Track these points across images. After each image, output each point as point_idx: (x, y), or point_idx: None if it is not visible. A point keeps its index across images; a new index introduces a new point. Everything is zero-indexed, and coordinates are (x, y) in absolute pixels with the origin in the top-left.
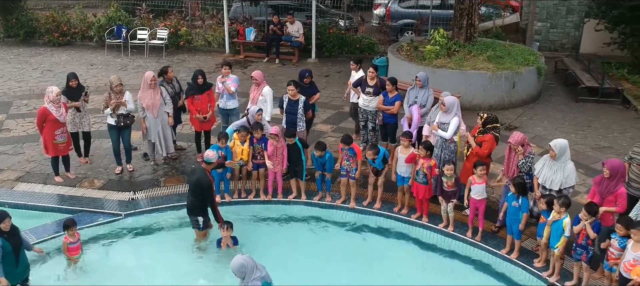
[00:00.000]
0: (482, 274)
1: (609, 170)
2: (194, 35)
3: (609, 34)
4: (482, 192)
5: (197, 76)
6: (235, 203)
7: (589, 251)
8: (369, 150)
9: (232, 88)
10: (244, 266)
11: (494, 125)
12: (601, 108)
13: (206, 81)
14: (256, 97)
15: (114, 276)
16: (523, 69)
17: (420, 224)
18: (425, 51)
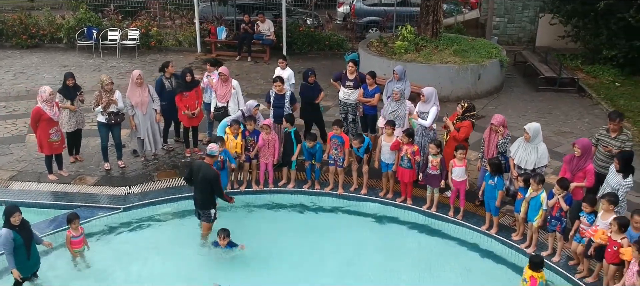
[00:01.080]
0: (465, 249)
1: (580, 149)
2: (165, 35)
3: (563, 28)
4: (462, 174)
5: (186, 74)
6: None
7: (563, 223)
8: (355, 139)
9: (214, 81)
10: None
11: (472, 113)
12: (559, 96)
13: (194, 78)
14: (226, 92)
15: (115, 268)
16: (487, 61)
17: (406, 206)
18: (394, 46)
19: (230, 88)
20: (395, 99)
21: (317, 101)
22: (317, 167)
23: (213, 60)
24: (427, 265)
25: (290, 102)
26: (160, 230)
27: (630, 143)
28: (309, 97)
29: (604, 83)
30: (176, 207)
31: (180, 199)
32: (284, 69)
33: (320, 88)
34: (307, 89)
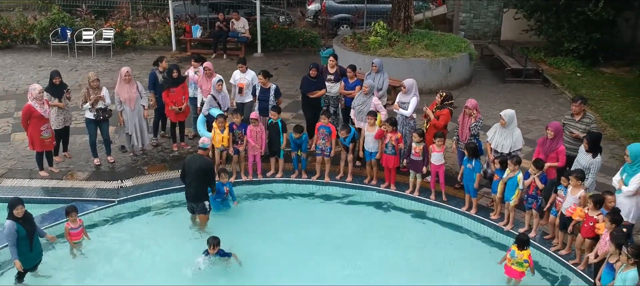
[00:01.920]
0: (447, 229)
1: (553, 131)
2: (139, 35)
3: (526, 22)
4: (440, 159)
5: (172, 70)
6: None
7: (539, 200)
8: (342, 129)
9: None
10: None
11: (450, 102)
12: (525, 87)
13: (180, 74)
14: (209, 88)
15: (114, 258)
16: (457, 55)
17: (390, 192)
18: (369, 42)
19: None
20: (365, 93)
21: (311, 96)
22: (303, 156)
23: (197, 56)
24: (412, 245)
25: (275, 95)
26: (154, 220)
27: (594, 125)
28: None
29: (566, 74)
30: (169, 198)
31: (173, 191)
32: (244, 72)
33: (323, 84)
34: (310, 83)
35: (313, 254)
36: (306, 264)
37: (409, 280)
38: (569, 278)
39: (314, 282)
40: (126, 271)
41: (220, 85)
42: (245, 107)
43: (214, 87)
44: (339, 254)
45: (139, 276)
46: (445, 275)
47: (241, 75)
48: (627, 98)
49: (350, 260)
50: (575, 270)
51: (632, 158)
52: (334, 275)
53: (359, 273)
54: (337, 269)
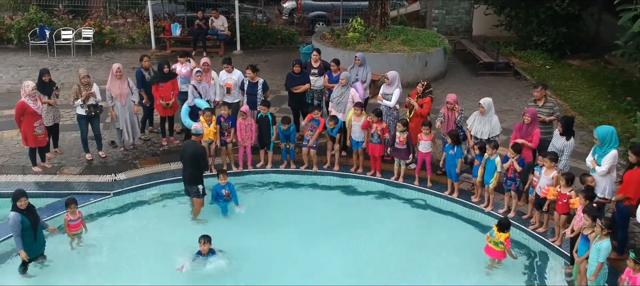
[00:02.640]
0: (431, 212)
1: (530, 116)
2: (118, 34)
3: (497, 17)
4: (428, 147)
5: (163, 65)
6: (211, 176)
7: (517, 182)
8: (330, 121)
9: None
10: None
11: (430, 90)
12: (498, 80)
13: (171, 71)
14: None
15: (111, 248)
16: (433, 49)
17: (375, 179)
18: (347, 38)
19: (210, 79)
20: (342, 84)
21: (295, 91)
22: (291, 147)
23: (182, 52)
24: (399, 228)
25: (263, 89)
26: (150, 211)
27: (557, 108)
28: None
29: (536, 67)
30: (163, 190)
31: (166, 183)
32: (230, 72)
33: (307, 79)
34: (294, 79)
35: (303, 240)
36: (297, 249)
37: (397, 260)
38: (547, 253)
39: (305, 267)
40: (125, 260)
41: (199, 76)
42: (233, 107)
43: (193, 78)
44: (328, 239)
45: (137, 265)
46: (432, 254)
47: (227, 75)
48: (594, 88)
49: (339, 244)
50: (553, 245)
51: (600, 140)
52: (324, 260)
53: (348, 256)
54: (327, 253)
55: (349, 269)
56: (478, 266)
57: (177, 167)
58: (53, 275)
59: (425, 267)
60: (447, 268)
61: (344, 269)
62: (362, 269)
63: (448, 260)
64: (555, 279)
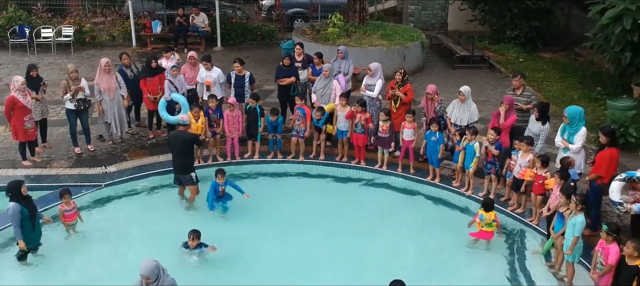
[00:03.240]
0: (414, 197)
1: (508, 104)
2: (98, 31)
3: (471, 12)
4: (411, 135)
5: (151, 61)
6: (201, 167)
7: (497, 166)
8: (317, 111)
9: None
10: (157, 268)
11: (407, 77)
12: (473, 72)
13: (159, 65)
14: (194, 76)
15: (106, 237)
16: (410, 44)
17: (360, 167)
18: (328, 33)
19: (198, 72)
20: (325, 76)
21: (281, 83)
22: (279, 138)
23: (166, 47)
24: (385, 213)
25: (250, 82)
26: (141, 201)
27: (534, 97)
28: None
29: (509, 60)
30: (153, 181)
31: (156, 174)
32: (210, 70)
33: (295, 73)
34: (282, 71)
35: (291, 227)
36: (285, 237)
37: (384, 242)
38: (526, 232)
39: (293, 253)
40: (120, 249)
41: (175, 71)
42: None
43: (169, 73)
44: (315, 226)
45: (132, 254)
46: (417, 234)
47: (207, 73)
48: (565, 79)
49: (327, 231)
50: (531, 225)
51: (570, 119)
52: (312, 246)
53: (335, 242)
54: (314, 240)
55: (337, 255)
56: (462, 246)
57: (166, 159)
58: (50, 264)
59: (410, 249)
60: (431, 250)
61: (332, 255)
62: (349, 253)
63: (435, 237)
64: (533, 256)
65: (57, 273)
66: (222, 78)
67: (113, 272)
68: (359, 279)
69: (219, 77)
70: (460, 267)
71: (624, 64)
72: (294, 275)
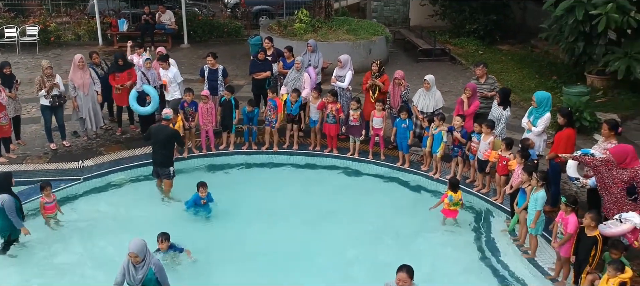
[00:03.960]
0: (386, 182)
1: (471, 91)
2: (63, 31)
3: (432, 8)
4: (380, 123)
5: (118, 59)
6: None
7: (463, 150)
8: (293, 92)
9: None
10: (145, 247)
11: (384, 68)
12: (436, 65)
13: (126, 62)
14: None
15: (86, 228)
16: (375, 38)
17: (333, 155)
18: (295, 28)
19: (169, 67)
20: (297, 69)
21: (257, 77)
22: (255, 129)
23: (138, 43)
24: (358, 198)
25: (223, 75)
26: (120, 193)
27: (496, 85)
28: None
29: (469, 52)
30: (130, 174)
31: (133, 167)
32: (167, 69)
33: (269, 67)
34: (257, 66)
35: (269, 215)
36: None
37: (357, 225)
38: (491, 211)
39: (269, 240)
40: (100, 239)
41: (148, 63)
42: (171, 104)
43: (143, 66)
44: (291, 213)
45: (111, 244)
46: (390, 218)
47: (163, 72)
48: (523, 69)
49: (303, 217)
50: (496, 203)
51: (538, 103)
52: (288, 233)
53: (311, 228)
54: (290, 227)
55: (313, 239)
56: (432, 227)
57: (142, 152)
58: (33, 255)
59: (384, 232)
60: (403, 231)
61: (308, 240)
62: (326, 237)
63: (405, 220)
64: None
65: (39, 262)
66: (179, 78)
67: (95, 260)
68: (335, 264)
69: (175, 77)
70: (432, 247)
71: (577, 54)
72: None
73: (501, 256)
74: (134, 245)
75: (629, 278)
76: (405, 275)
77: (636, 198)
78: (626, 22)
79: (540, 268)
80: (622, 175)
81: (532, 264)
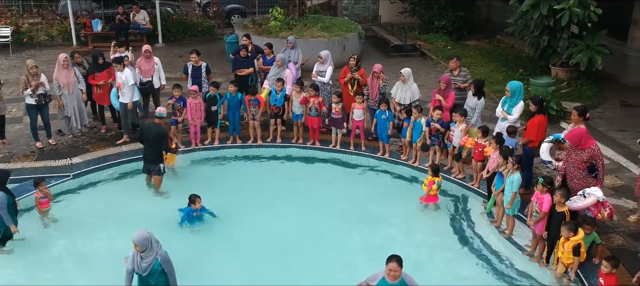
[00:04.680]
0: (368, 171)
1: (445, 83)
2: (36, 31)
3: (402, 5)
4: (361, 115)
5: (97, 57)
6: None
7: (440, 138)
8: (278, 82)
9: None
10: (147, 239)
11: (361, 62)
12: (407, 60)
13: (105, 61)
14: (150, 68)
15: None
16: (349, 35)
17: (315, 148)
18: (270, 26)
19: (153, 65)
20: (278, 66)
21: (240, 73)
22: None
23: (119, 41)
24: (343, 187)
25: (206, 72)
26: (111, 188)
27: (469, 77)
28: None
29: (438, 48)
30: (119, 170)
31: (121, 163)
32: (121, 71)
33: (252, 63)
34: (239, 62)
35: (256, 205)
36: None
37: (345, 210)
38: (467, 195)
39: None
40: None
41: (127, 61)
42: (123, 108)
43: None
44: (277, 202)
45: (105, 238)
46: (377, 204)
47: (118, 74)
48: (490, 63)
49: (290, 206)
50: (473, 188)
51: (512, 93)
52: (274, 221)
53: (301, 215)
54: (276, 215)
55: (299, 226)
56: (413, 213)
57: (129, 148)
58: (30, 249)
59: (367, 220)
60: (386, 218)
61: (293, 227)
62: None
63: (389, 205)
64: (476, 215)
65: (34, 255)
66: (131, 81)
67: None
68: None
69: (128, 79)
70: (415, 233)
71: (542, 47)
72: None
73: (481, 237)
74: (136, 236)
75: (580, 239)
76: (396, 264)
77: (596, 175)
78: (587, 16)
79: (517, 245)
80: (581, 155)
81: (510, 242)
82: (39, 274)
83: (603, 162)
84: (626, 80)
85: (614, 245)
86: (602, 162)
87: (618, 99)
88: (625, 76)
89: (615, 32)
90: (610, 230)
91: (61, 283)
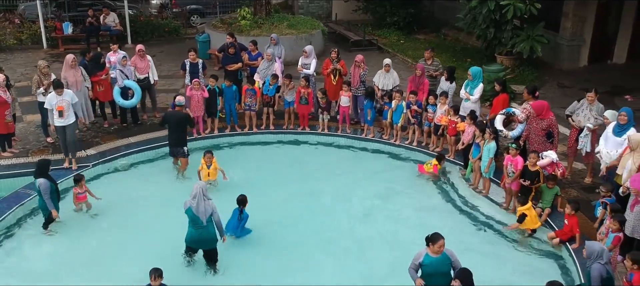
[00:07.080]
0: (355, 151)
1: (420, 70)
2: (5, 36)
3: (356, 3)
4: (347, 102)
5: (99, 57)
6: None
7: (418, 119)
8: (273, 78)
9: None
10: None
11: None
12: (366, 54)
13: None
14: (145, 65)
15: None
16: (314, 31)
17: (305, 132)
18: (241, 25)
19: (147, 62)
20: (268, 60)
21: (229, 68)
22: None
23: (114, 40)
24: (332, 168)
25: (202, 68)
26: (129, 175)
27: (441, 66)
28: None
29: (392, 42)
30: (132, 159)
31: (135, 153)
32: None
33: (240, 59)
34: (229, 59)
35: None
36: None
37: (336, 188)
38: (446, 165)
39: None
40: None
41: (125, 61)
42: (68, 129)
43: (119, 63)
44: (274, 183)
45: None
46: (368, 182)
47: (58, 98)
48: (441, 55)
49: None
50: (449, 159)
51: (473, 76)
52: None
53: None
54: (275, 194)
55: (297, 203)
56: (404, 183)
57: (137, 140)
58: (70, 232)
59: (358, 190)
60: (375, 191)
61: (291, 205)
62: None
63: (376, 182)
64: (455, 179)
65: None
66: (75, 100)
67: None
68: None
69: (72, 99)
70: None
71: (489, 38)
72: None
73: (464, 198)
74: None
75: (526, 209)
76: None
77: (552, 141)
78: (528, 10)
79: (494, 201)
80: (541, 124)
81: (488, 199)
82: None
83: (558, 131)
84: (560, 66)
85: (571, 196)
86: (558, 130)
87: (556, 82)
88: (560, 62)
89: (550, 24)
90: (567, 185)
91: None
